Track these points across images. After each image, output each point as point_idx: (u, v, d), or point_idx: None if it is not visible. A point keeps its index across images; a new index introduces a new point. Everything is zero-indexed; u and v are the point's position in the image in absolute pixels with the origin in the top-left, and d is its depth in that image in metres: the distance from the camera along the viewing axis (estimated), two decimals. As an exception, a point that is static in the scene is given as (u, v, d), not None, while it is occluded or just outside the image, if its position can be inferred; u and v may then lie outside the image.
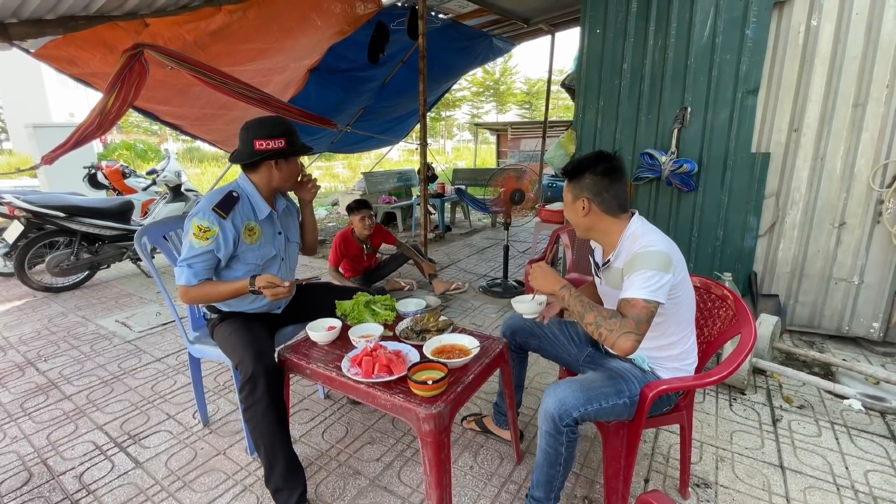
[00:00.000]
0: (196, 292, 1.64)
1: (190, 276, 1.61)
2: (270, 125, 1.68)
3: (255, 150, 1.66)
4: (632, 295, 1.28)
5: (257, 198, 1.74)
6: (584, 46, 3.24)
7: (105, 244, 4.16)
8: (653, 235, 1.39)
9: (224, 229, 1.63)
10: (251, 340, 1.60)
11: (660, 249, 1.32)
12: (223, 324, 1.74)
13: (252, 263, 1.75)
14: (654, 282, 1.27)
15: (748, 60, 2.70)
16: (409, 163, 18.59)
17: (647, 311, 1.26)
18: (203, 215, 1.61)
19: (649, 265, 1.29)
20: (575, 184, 1.44)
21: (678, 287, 1.36)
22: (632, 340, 1.23)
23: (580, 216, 1.45)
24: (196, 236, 1.59)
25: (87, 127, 2.46)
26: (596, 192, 1.41)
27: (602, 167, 1.40)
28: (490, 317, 3.30)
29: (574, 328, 1.74)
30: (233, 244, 1.67)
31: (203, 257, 1.62)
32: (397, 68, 5.70)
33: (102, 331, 3.18)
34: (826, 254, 2.75)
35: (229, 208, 1.65)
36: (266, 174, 1.73)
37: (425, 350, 1.48)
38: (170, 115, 4.02)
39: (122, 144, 11.88)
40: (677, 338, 1.43)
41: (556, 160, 3.41)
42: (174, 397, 2.34)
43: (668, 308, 1.37)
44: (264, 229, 1.77)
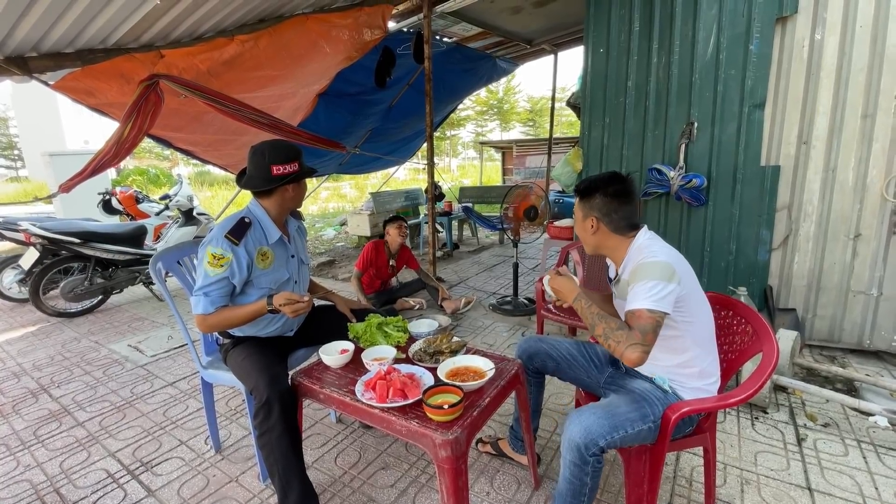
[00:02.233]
0: (214, 320, 1.64)
1: (207, 305, 1.62)
2: (285, 150, 1.70)
3: (274, 176, 1.67)
4: (636, 306, 1.29)
5: (268, 222, 1.75)
6: (588, 66, 3.28)
7: (119, 269, 4.21)
8: (655, 247, 1.40)
9: (238, 256, 1.64)
10: (265, 365, 1.60)
11: (661, 260, 1.33)
12: (236, 349, 1.74)
13: (266, 287, 1.76)
14: (656, 291, 1.28)
15: (753, 75, 2.71)
16: (416, 181, 18.76)
17: (653, 320, 1.26)
18: (216, 243, 1.62)
19: (651, 275, 1.30)
20: (585, 203, 1.46)
21: (687, 300, 1.36)
22: (639, 351, 1.24)
23: (589, 234, 1.49)
24: (211, 264, 1.60)
25: (104, 155, 2.52)
26: (605, 213, 1.44)
27: (613, 188, 1.43)
28: (501, 335, 3.27)
29: (593, 349, 1.71)
30: (247, 270, 1.68)
31: (219, 285, 1.63)
32: (403, 91, 5.80)
33: (115, 355, 3.20)
34: (843, 266, 2.70)
35: (242, 234, 1.66)
36: (279, 198, 1.74)
37: (439, 373, 1.47)
38: (183, 141, 4.11)
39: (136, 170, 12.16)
40: (696, 355, 1.41)
41: (563, 177, 3.42)
42: (186, 423, 2.33)
43: (681, 323, 1.37)
44: (277, 253, 1.78)
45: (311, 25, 3.38)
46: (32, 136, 22.24)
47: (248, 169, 1.73)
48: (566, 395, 2.42)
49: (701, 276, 3.04)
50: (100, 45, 2.82)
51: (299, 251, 1.93)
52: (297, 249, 1.92)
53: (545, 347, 1.74)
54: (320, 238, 8.02)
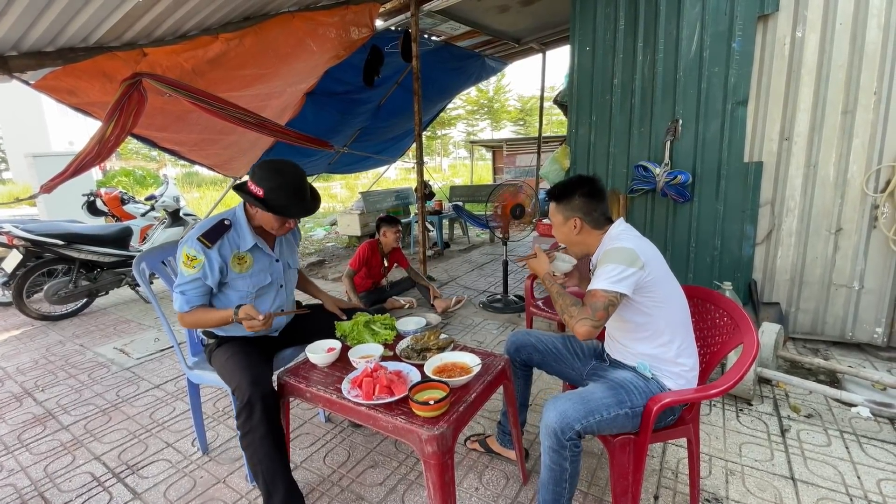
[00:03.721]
0: (189, 318, 1.68)
1: (182, 303, 1.66)
2: (270, 171, 1.63)
3: (247, 188, 1.66)
4: (593, 286, 1.38)
5: (244, 229, 1.71)
6: (575, 64, 3.30)
7: (104, 271, 4.15)
8: (623, 235, 1.48)
9: (209, 258, 1.63)
10: (247, 365, 1.59)
11: (625, 246, 1.41)
12: (220, 349, 1.73)
13: (244, 291, 1.74)
14: (614, 274, 1.35)
15: (736, 72, 2.75)
16: (406, 181, 18.72)
17: (605, 300, 1.34)
18: (190, 244, 1.62)
19: (613, 259, 1.38)
20: (565, 205, 1.54)
21: (655, 284, 1.41)
22: (587, 326, 1.32)
23: (573, 234, 1.55)
24: (185, 264, 1.63)
25: (85, 155, 2.48)
26: (586, 212, 1.52)
27: (588, 188, 1.52)
28: (491, 333, 3.28)
29: (578, 343, 1.73)
30: (219, 272, 1.67)
31: (193, 284, 1.65)
32: (392, 90, 5.79)
33: (100, 358, 3.15)
34: (825, 260, 2.75)
35: (217, 237, 1.64)
36: (252, 214, 1.73)
37: (426, 369, 1.47)
38: (168, 140, 4.07)
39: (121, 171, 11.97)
40: (670, 338, 1.45)
41: (551, 174, 3.44)
42: (173, 424, 2.30)
43: (652, 308, 1.42)
44: (256, 258, 1.76)
45: (298, 24, 3.36)
46: (16, 138, 21.82)
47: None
48: (555, 390, 2.44)
49: (687, 272, 3.08)
50: (81, 43, 2.78)
51: (285, 256, 1.90)
52: (284, 254, 1.89)
53: (532, 340, 1.76)
54: (310, 238, 7.98)
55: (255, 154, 5.23)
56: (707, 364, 1.53)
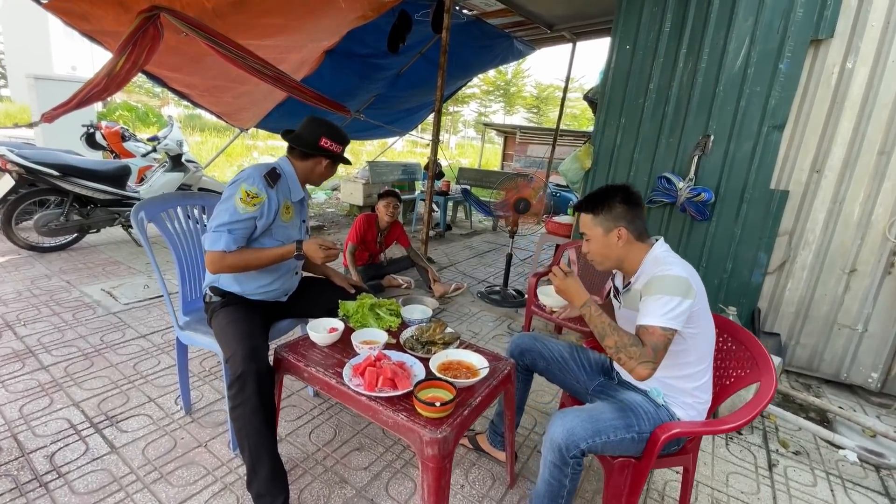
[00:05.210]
0: (232, 259, 1.62)
1: (230, 242, 1.59)
2: (341, 134, 1.80)
3: (319, 146, 1.75)
4: (649, 322, 1.27)
5: (295, 180, 1.79)
6: (612, 61, 3.17)
7: (97, 208, 4.02)
8: (671, 258, 1.39)
9: (270, 198, 1.66)
10: (246, 334, 1.52)
11: (678, 274, 1.31)
12: (224, 310, 1.67)
13: (279, 240, 1.76)
14: (670, 307, 1.26)
15: (778, 95, 2.65)
16: (413, 154, 18.42)
17: (665, 338, 1.25)
18: (253, 181, 1.62)
19: (667, 290, 1.28)
20: (606, 215, 1.42)
21: (698, 315, 1.34)
22: (649, 369, 1.24)
23: (616, 247, 1.42)
24: (243, 201, 1.59)
25: (92, 87, 2.34)
26: (630, 220, 1.41)
27: (625, 195, 1.41)
28: (487, 325, 3.24)
29: (585, 354, 1.68)
30: (273, 215, 1.69)
31: (245, 223, 1.61)
32: (414, 59, 5.60)
33: (86, 299, 3.07)
34: (833, 298, 2.72)
35: (276, 181, 1.69)
36: (311, 167, 1.80)
37: (431, 365, 1.41)
38: (179, 82, 3.89)
39: (124, 105, 11.54)
40: (697, 370, 1.39)
41: (570, 173, 3.35)
42: (157, 379, 2.25)
43: (688, 337, 1.35)
44: (296, 212, 1.82)
45: (330, -24, 3.18)
46: (18, 55, 21.00)
47: (300, 130, 1.79)
48: (547, 394, 2.41)
49: (693, 291, 3.04)
50: (98, -35, 2.59)
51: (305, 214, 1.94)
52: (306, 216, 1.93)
53: (538, 346, 1.71)
54: (310, 201, 7.83)
55: (266, 107, 5.06)
56: (717, 397, 1.49)
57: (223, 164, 10.07)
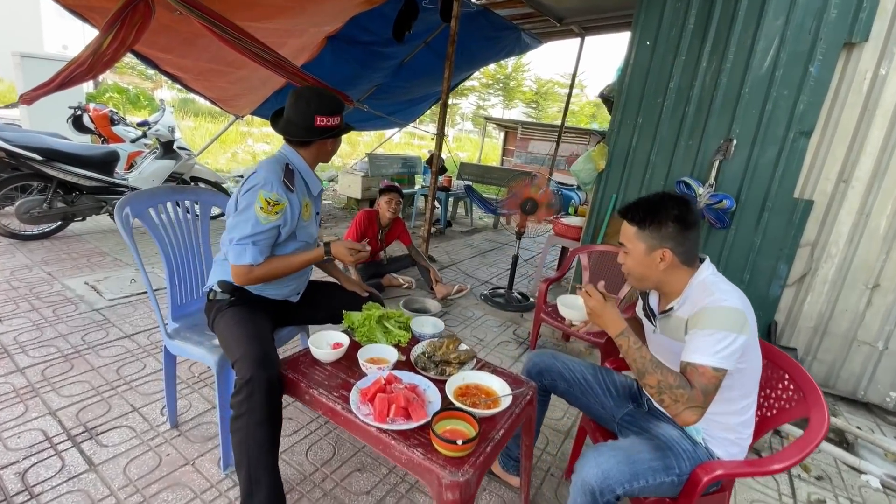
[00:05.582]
0: (261, 271, 1.51)
1: (257, 254, 1.48)
2: (331, 101, 1.58)
3: (317, 127, 1.56)
4: (700, 361, 1.13)
5: (309, 172, 1.65)
6: (631, 57, 3.02)
7: (83, 195, 3.82)
8: (725, 285, 1.24)
9: (292, 203, 1.54)
10: (257, 338, 1.39)
11: (734, 306, 1.17)
12: (230, 310, 1.53)
13: (303, 242, 1.64)
14: (724, 345, 1.12)
15: (807, 100, 2.52)
16: (410, 146, 18.15)
17: (716, 380, 1.12)
18: (272, 187, 1.47)
19: (721, 324, 1.14)
20: (653, 232, 1.25)
21: (748, 350, 1.20)
22: (697, 415, 1.12)
23: (657, 268, 1.27)
24: (264, 210, 1.46)
25: (75, 68, 2.15)
26: (679, 242, 1.24)
27: (682, 212, 1.23)
28: (492, 330, 3.10)
29: (610, 377, 1.55)
30: (297, 219, 1.58)
31: (269, 233, 1.50)
32: (418, 49, 5.42)
33: (69, 293, 2.89)
34: (854, 314, 2.62)
35: (293, 181, 1.55)
36: (316, 151, 1.63)
37: (448, 391, 1.27)
38: (171, 64, 3.68)
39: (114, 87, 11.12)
40: (740, 405, 1.27)
41: (582, 173, 3.20)
42: (141, 385, 2.09)
43: (735, 372, 1.21)
44: (313, 207, 1.69)
45: (336, -43, 2.99)
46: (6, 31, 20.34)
47: (288, 114, 1.59)
48: (558, 409, 2.29)
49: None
50: (85, -67, 2.39)
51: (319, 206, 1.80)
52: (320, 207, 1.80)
53: (558, 366, 1.57)
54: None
55: (263, 93, 4.84)
56: (756, 431, 1.37)
57: (217, 151, 9.80)
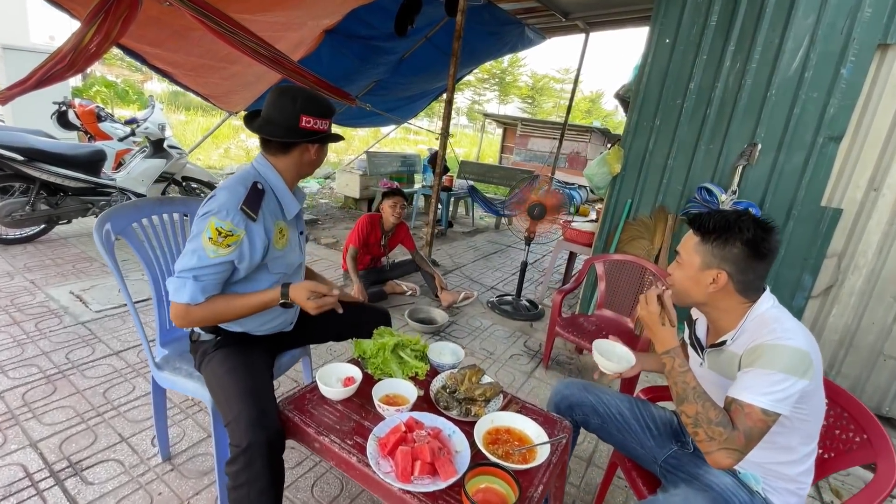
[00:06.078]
0: (201, 313, 1.24)
1: (196, 292, 1.21)
2: (321, 103, 1.34)
3: (301, 128, 1.30)
4: (748, 399, 1.00)
5: (284, 191, 1.38)
6: (649, 56, 2.87)
7: (68, 196, 3.62)
8: (789, 322, 1.09)
9: (252, 235, 1.27)
10: (252, 391, 1.21)
11: (799, 346, 1.03)
12: (218, 354, 1.33)
13: (279, 273, 1.40)
14: (781, 388, 0.99)
15: (838, 103, 2.39)
16: (406, 141, 17.91)
17: (764, 425, 0.99)
18: (226, 214, 1.21)
19: (780, 365, 1.00)
20: (715, 249, 1.11)
21: (811, 394, 1.06)
22: (732, 459, 1.00)
23: (705, 289, 1.14)
24: (213, 242, 1.20)
25: (55, 64, 1.96)
26: (741, 269, 1.10)
27: (757, 235, 1.08)
28: (501, 342, 2.97)
29: (648, 411, 1.42)
30: (263, 252, 1.30)
31: (217, 269, 1.23)
32: (419, 44, 5.24)
33: (52, 304, 2.71)
34: (881, 328, 2.51)
35: (258, 206, 1.27)
36: (297, 159, 1.36)
37: (477, 436, 1.13)
38: (160, 59, 3.48)
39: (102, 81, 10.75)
40: (800, 455, 1.13)
41: (596, 178, 3.06)
42: (130, 410, 1.93)
43: (795, 420, 1.08)
44: (291, 230, 1.42)
45: (337, -54, 2.80)
46: (-11, 21, 19.77)
47: (268, 112, 1.33)
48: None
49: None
50: (64, -84, 2.19)
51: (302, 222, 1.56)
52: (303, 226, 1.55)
53: (591, 400, 1.44)
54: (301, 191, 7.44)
55: (258, 89, 4.65)
56: (814, 476, 1.24)
57: (209, 147, 9.56)
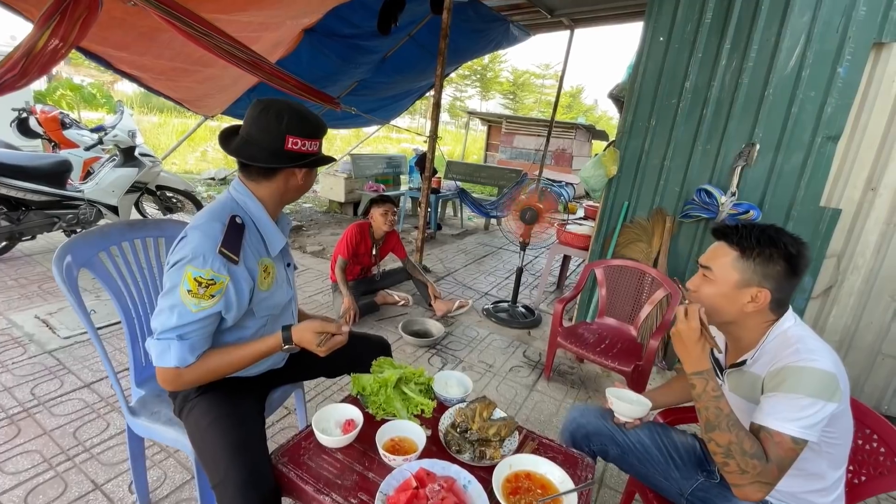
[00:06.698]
0: (196, 372, 1.08)
1: (185, 354, 1.05)
2: (311, 120, 1.16)
3: (287, 150, 1.12)
4: (777, 427, 0.95)
5: (267, 223, 1.20)
6: (644, 55, 2.80)
7: (31, 211, 3.38)
8: (813, 341, 1.04)
9: (237, 279, 1.10)
10: (241, 445, 1.07)
11: (825, 368, 0.97)
12: (201, 402, 1.17)
13: (266, 316, 1.23)
14: (809, 413, 0.94)
15: (835, 102, 2.35)
16: (388, 140, 17.66)
17: (794, 454, 0.95)
18: (204, 262, 1.03)
19: (809, 389, 0.95)
20: (759, 266, 1.05)
21: (839, 418, 1.01)
22: (763, 492, 0.96)
23: (740, 307, 1.08)
24: (194, 294, 1.03)
25: (5, 72, 1.76)
26: (781, 287, 1.06)
27: (798, 251, 1.05)
28: (500, 353, 2.87)
29: (670, 439, 1.33)
30: (249, 294, 1.14)
31: (203, 323, 1.07)
32: (402, 42, 5.10)
33: (15, 331, 2.50)
34: (880, 327, 2.50)
35: (238, 244, 1.10)
36: (281, 185, 1.19)
37: (496, 486, 1.02)
38: (127, 63, 3.26)
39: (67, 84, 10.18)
40: (829, 482, 1.07)
41: (592, 180, 2.98)
42: (104, 452, 1.76)
43: (823, 445, 1.04)
44: (278, 266, 1.25)
45: (315, -59, 2.65)
46: (-60, 17, 18.71)
47: (248, 130, 1.15)
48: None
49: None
50: None
51: (289, 253, 1.39)
52: (291, 258, 1.39)
53: (608, 428, 1.34)
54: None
55: (235, 92, 4.45)
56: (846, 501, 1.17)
57: (184, 150, 9.23)
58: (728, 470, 0.97)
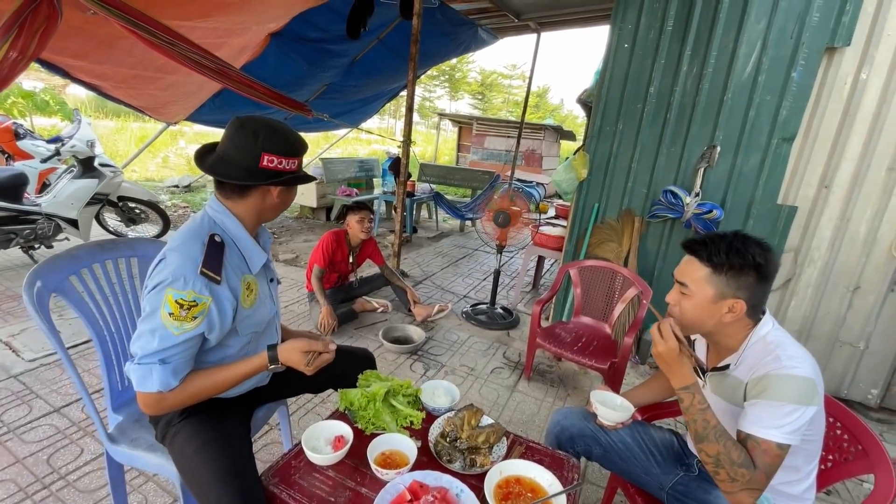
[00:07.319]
0: (180, 396, 1.07)
1: (168, 377, 1.03)
2: (289, 138, 1.15)
3: (261, 168, 1.11)
4: (763, 435, 1.00)
5: (247, 241, 1.18)
6: (610, 61, 2.88)
7: (-17, 227, 3.20)
8: (792, 348, 1.09)
9: (219, 299, 1.08)
10: (230, 470, 1.05)
11: (806, 375, 1.03)
12: (186, 426, 1.14)
13: (251, 333, 1.22)
14: (792, 419, 1.00)
15: (790, 105, 2.49)
16: (358, 141, 17.49)
17: (780, 459, 1.01)
18: (185, 283, 1.02)
19: (791, 396, 1.01)
20: (731, 279, 1.09)
21: (816, 417, 1.08)
22: (754, 498, 1.01)
23: (718, 318, 1.12)
24: (175, 317, 1.01)
25: (-44, 87, 1.68)
26: (754, 294, 1.10)
27: (768, 258, 1.09)
28: (480, 355, 2.90)
29: (649, 435, 1.39)
30: (233, 314, 1.12)
31: (186, 345, 1.05)
32: (371, 45, 5.08)
33: (-27, 356, 2.37)
34: (836, 317, 2.66)
35: (220, 263, 1.08)
36: (257, 203, 1.17)
37: (487, 492, 1.04)
38: (85, 72, 3.12)
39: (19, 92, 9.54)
40: (804, 472, 1.15)
41: (564, 184, 3.05)
42: (81, 479, 1.70)
43: (801, 442, 1.09)
44: (260, 283, 1.23)
45: (283, -53, 2.61)
46: None
47: (224, 148, 1.13)
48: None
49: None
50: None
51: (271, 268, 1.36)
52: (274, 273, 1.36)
53: (591, 429, 1.40)
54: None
55: (199, 98, 4.33)
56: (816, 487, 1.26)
57: (145, 157, 8.88)
58: (719, 479, 1.02)
